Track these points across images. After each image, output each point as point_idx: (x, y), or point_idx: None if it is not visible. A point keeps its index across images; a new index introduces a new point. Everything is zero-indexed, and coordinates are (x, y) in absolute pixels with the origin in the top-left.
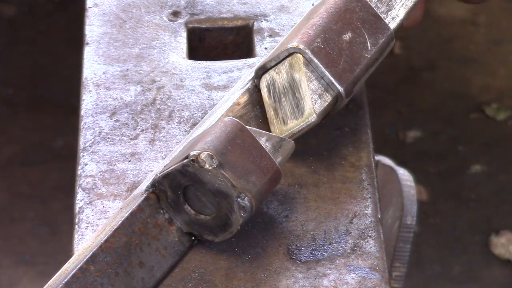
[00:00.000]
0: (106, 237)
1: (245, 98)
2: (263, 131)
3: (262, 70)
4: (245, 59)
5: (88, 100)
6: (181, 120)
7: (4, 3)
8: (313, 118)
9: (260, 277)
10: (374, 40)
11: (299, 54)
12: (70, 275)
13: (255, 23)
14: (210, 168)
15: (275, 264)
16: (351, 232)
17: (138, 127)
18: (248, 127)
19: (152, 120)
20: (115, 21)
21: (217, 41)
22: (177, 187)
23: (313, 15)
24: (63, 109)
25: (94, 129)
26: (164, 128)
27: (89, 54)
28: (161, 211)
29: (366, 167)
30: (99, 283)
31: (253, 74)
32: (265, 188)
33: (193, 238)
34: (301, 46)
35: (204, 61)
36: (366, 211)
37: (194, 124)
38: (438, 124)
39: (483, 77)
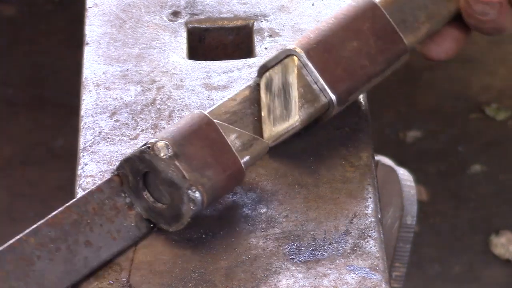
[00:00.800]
0: (55, 212)
1: (244, 94)
2: (235, 128)
3: (263, 69)
4: (245, 59)
5: (88, 100)
6: None
7: (4, 3)
8: (296, 122)
9: (260, 277)
10: (382, 52)
11: (294, 56)
12: (7, 244)
13: (255, 23)
14: (164, 157)
15: (275, 264)
16: (351, 232)
17: (138, 127)
18: (219, 122)
19: (152, 120)
20: (115, 21)
21: (217, 41)
22: (137, 172)
23: (321, 21)
24: (63, 109)
25: (94, 129)
26: (164, 128)
27: (89, 54)
28: (123, 195)
29: (366, 167)
30: (36, 256)
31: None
32: (222, 184)
33: (151, 225)
34: (297, 49)
35: (204, 61)
36: (366, 211)
37: None
38: (438, 124)
39: (483, 77)
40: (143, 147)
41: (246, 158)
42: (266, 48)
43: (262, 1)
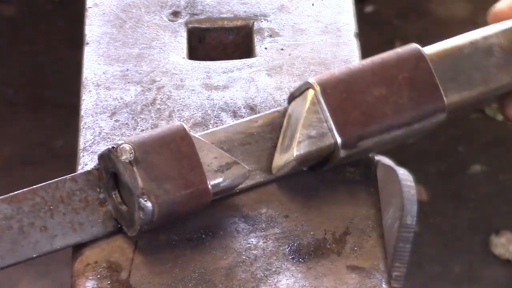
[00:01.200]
0: (19, 191)
1: (268, 118)
2: (217, 149)
3: (291, 98)
4: (245, 59)
5: (88, 100)
6: (181, 120)
7: (4, 3)
8: (291, 157)
9: (260, 277)
10: (414, 105)
11: (311, 90)
12: None
13: (255, 23)
14: (124, 160)
15: (275, 264)
16: (351, 232)
17: (138, 127)
18: (200, 138)
19: (152, 120)
20: (115, 21)
21: (217, 41)
22: (107, 170)
23: (360, 61)
24: (63, 109)
25: (94, 129)
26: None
27: (89, 54)
28: (98, 190)
29: (366, 167)
30: None
31: None
32: (181, 200)
33: (119, 225)
34: (315, 84)
35: (204, 61)
36: (366, 211)
37: (194, 124)
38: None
39: None
40: (109, 147)
41: (218, 180)
42: (266, 48)
43: (262, 1)
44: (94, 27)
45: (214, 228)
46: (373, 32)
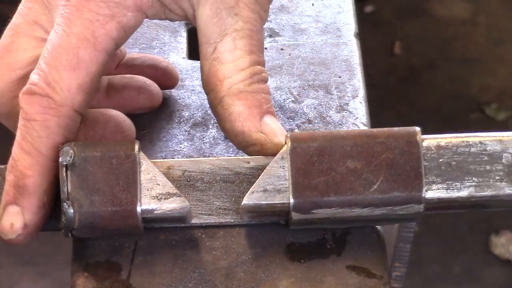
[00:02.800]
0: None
1: (260, 162)
2: (163, 177)
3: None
4: None
5: None
6: (181, 120)
7: (4, 3)
8: (240, 206)
9: (260, 277)
10: (388, 189)
11: (285, 144)
12: None
13: None
14: (62, 162)
15: (275, 264)
16: (351, 232)
17: (138, 127)
18: (151, 162)
19: (152, 120)
20: None
21: None
22: None
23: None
24: None
25: None
26: (164, 128)
27: None
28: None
29: None
30: None
31: None
32: (105, 216)
33: None
34: (288, 139)
35: None
36: None
37: (194, 124)
38: (438, 124)
39: (483, 77)
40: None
41: (151, 207)
42: (266, 48)
43: None
44: None
45: (214, 228)
46: (373, 32)
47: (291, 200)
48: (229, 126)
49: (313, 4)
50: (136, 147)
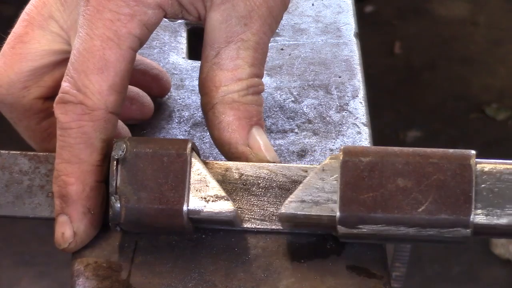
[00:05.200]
0: (45, 153)
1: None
2: (212, 179)
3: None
4: None
5: None
6: (181, 120)
7: (4, 3)
8: (278, 213)
9: (260, 277)
10: (435, 210)
11: (338, 156)
12: None
13: None
14: (114, 156)
15: (275, 264)
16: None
17: (138, 127)
18: (203, 164)
19: (152, 120)
20: None
21: None
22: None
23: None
24: None
25: None
26: (164, 128)
27: None
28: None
29: None
30: None
31: None
32: (151, 213)
33: None
34: (341, 153)
35: None
36: None
37: (194, 124)
38: (438, 124)
39: (483, 77)
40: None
41: (198, 207)
42: None
43: None
44: None
45: (214, 228)
46: (373, 32)
47: (338, 214)
48: (217, 134)
49: (313, 4)
50: (189, 146)
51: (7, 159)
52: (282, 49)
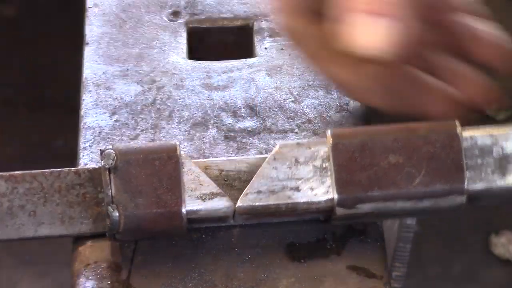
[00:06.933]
0: (19, 172)
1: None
2: (206, 177)
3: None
4: (245, 59)
5: (88, 100)
6: (181, 120)
7: (4, 3)
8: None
9: (260, 277)
10: (429, 181)
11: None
12: None
13: (255, 23)
14: (104, 165)
15: (275, 264)
16: (351, 232)
17: (138, 127)
18: (192, 163)
19: (152, 120)
20: (115, 21)
21: (217, 41)
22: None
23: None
24: (63, 109)
25: (94, 129)
26: (164, 128)
27: (89, 54)
28: (98, 189)
29: None
30: None
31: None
32: (150, 218)
33: None
34: (329, 135)
35: (204, 61)
36: None
37: (194, 124)
38: None
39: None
40: (102, 148)
41: (195, 207)
42: (266, 48)
43: (262, 1)
44: (94, 27)
45: (214, 228)
46: None
47: (336, 196)
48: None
49: None
50: (179, 147)
51: None
52: (282, 49)
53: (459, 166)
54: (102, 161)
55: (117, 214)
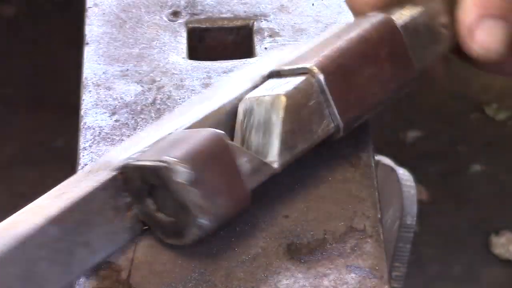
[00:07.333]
0: (60, 208)
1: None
2: (246, 151)
3: (275, 75)
4: (245, 59)
5: (88, 100)
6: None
7: (4, 3)
8: (275, 165)
9: (260, 277)
10: (394, 78)
11: (282, 97)
12: (11, 244)
13: (255, 23)
14: (183, 181)
15: (275, 264)
16: (351, 232)
17: (138, 127)
18: (231, 142)
19: (152, 120)
20: (115, 21)
21: (217, 41)
22: (145, 181)
23: (342, 37)
24: (63, 109)
25: (94, 129)
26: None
27: (89, 54)
28: (123, 194)
29: (366, 167)
30: (39, 257)
31: (265, 73)
32: (229, 211)
33: (145, 227)
34: (316, 70)
35: (204, 61)
36: (366, 211)
37: None
38: (438, 124)
39: (483, 77)
40: (158, 164)
41: (253, 184)
42: (266, 48)
43: (262, 1)
44: (94, 27)
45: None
46: None
47: (341, 124)
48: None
49: (313, 4)
50: (224, 134)
51: None
52: (282, 49)
53: (408, 57)
54: (179, 178)
55: (208, 222)
